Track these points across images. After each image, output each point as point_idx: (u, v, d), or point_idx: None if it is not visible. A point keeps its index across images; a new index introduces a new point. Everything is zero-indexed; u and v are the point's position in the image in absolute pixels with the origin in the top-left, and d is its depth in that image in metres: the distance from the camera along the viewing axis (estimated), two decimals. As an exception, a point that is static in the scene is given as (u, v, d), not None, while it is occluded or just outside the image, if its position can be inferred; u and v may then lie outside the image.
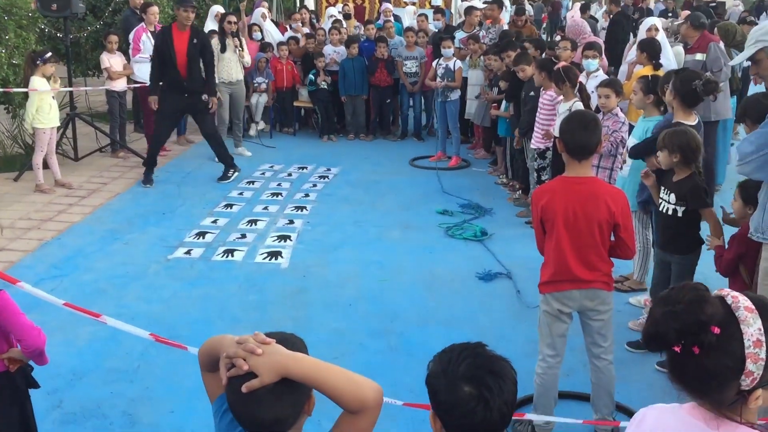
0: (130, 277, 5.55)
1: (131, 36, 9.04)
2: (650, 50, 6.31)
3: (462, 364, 1.63)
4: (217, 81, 8.46)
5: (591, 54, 6.51)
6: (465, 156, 9.47)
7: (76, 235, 6.46)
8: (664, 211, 4.23)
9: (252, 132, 10.54)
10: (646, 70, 6.01)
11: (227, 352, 1.58)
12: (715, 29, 7.79)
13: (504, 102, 7.87)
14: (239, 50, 9.07)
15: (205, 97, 8.01)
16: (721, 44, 7.22)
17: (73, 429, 3.67)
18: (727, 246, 3.87)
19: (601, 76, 6.48)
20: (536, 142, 6.64)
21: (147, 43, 8.98)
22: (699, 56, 6.81)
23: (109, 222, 6.82)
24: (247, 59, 9.38)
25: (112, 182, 8.00)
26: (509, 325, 4.90)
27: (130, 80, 9.19)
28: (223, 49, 8.76)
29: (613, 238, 3.45)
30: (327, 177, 8.56)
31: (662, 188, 4.28)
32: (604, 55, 8.24)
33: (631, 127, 5.50)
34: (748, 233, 3.41)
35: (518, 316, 4.99)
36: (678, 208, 4.13)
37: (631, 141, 5.09)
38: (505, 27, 9.76)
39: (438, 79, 8.89)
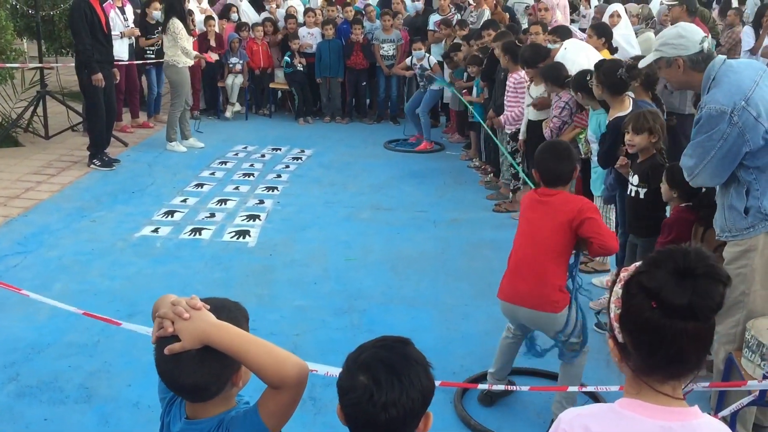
0: (95, 254, 5.52)
1: None
2: (605, 34, 6.32)
3: (366, 352, 1.57)
4: (184, 64, 8.43)
5: (551, 39, 6.53)
6: (439, 140, 9.50)
7: (43, 212, 6.41)
8: (630, 193, 4.28)
9: (228, 114, 10.50)
10: (605, 54, 6.04)
11: (159, 312, 1.59)
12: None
13: (475, 88, 7.89)
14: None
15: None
16: (709, 37, 7.12)
17: (28, 401, 3.65)
18: (662, 233, 3.93)
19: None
20: (508, 125, 6.67)
21: (116, 20, 8.88)
22: None
23: (77, 200, 6.77)
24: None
25: (81, 161, 7.92)
26: (473, 304, 4.92)
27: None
28: (189, 31, 8.58)
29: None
30: (300, 158, 8.55)
31: (630, 171, 4.34)
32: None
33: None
34: (716, 235, 3.43)
35: (482, 295, 5.00)
36: (640, 189, 4.18)
37: (590, 136, 5.14)
38: (487, 12, 9.70)
39: (418, 79, 9.12)
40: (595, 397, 3.73)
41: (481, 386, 3.53)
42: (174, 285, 5.04)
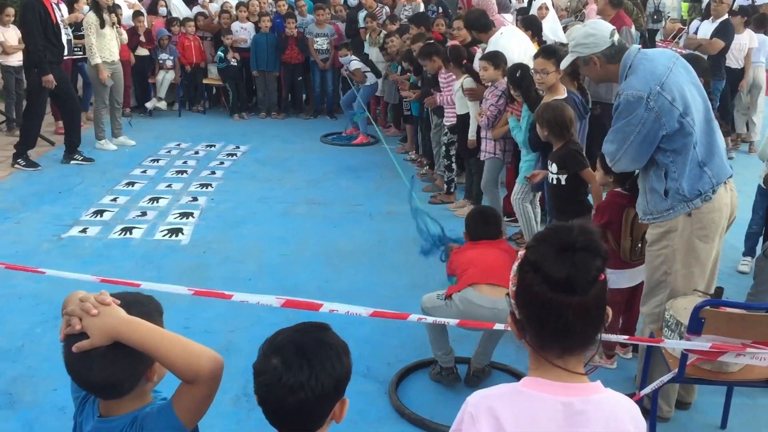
0: (19, 257, 5.33)
1: None
2: (533, 27, 6.45)
3: (282, 335, 1.57)
4: (99, 61, 8.14)
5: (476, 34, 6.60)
6: (375, 133, 9.51)
7: (-36, 215, 6.17)
8: (552, 182, 4.38)
9: (149, 105, 10.25)
10: (535, 46, 6.15)
11: (67, 309, 1.55)
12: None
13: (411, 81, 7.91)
14: (117, 26, 8.55)
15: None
16: (633, 29, 7.28)
17: (-53, 411, 3.51)
18: (594, 215, 4.04)
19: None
20: (447, 119, 6.70)
21: (56, 13, 8.60)
22: None
23: (0, 201, 6.53)
24: (124, 36, 8.92)
25: (5, 161, 7.64)
26: (408, 296, 4.92)
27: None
28: (102, 25, 8.18)
29: None
30: (235, 155, 8.44)
31: (548, 161, 4.43)
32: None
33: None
34: (639, 218, 3.52)
35: (417, 286, 5.02)
36: (560, 176, 4.28)
37: (524, 124, 5.23)
38: (422, 5, 9.75)
39: (350, 83, 9.17)
40: (512, 373, 3.88)
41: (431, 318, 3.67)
42: (103, 285, 4.91)
